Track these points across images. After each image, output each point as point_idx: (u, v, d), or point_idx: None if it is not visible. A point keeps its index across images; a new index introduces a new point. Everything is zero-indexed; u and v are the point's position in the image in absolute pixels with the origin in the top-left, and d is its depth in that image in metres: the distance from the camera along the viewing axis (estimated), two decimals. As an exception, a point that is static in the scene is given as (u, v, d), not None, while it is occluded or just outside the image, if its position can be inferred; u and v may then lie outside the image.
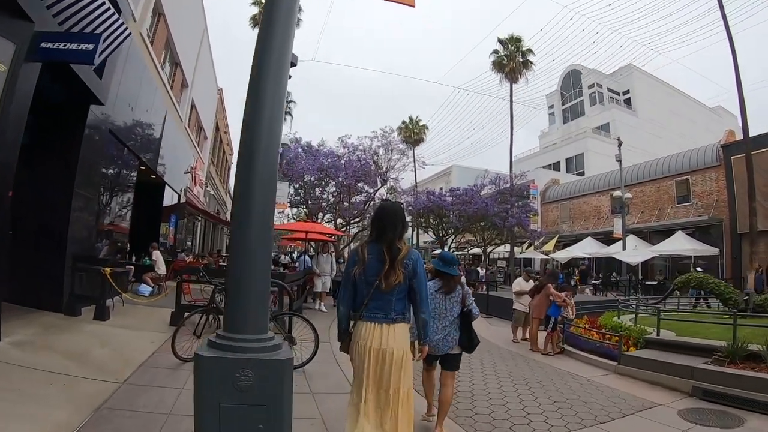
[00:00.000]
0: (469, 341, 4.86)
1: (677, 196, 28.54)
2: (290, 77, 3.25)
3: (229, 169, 40.40)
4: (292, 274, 14.06)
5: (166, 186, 18.64)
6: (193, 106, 23.59)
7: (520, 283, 11.23)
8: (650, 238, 28.38)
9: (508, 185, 29.52)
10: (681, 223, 26.88)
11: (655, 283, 24.64)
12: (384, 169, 22.35)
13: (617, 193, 26.32)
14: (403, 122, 45.99)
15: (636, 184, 29.90)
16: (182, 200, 21.37)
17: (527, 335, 11.14)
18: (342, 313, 3.49)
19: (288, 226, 15.85)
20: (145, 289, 12.64)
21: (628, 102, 51.79)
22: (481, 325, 12.65)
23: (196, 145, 25.76)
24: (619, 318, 11.89)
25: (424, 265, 3.66)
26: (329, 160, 21.82)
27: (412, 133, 46.36)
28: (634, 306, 12.11)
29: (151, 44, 15.50)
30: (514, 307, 11.16)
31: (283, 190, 17.89)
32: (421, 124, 48.68)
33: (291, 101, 43.14)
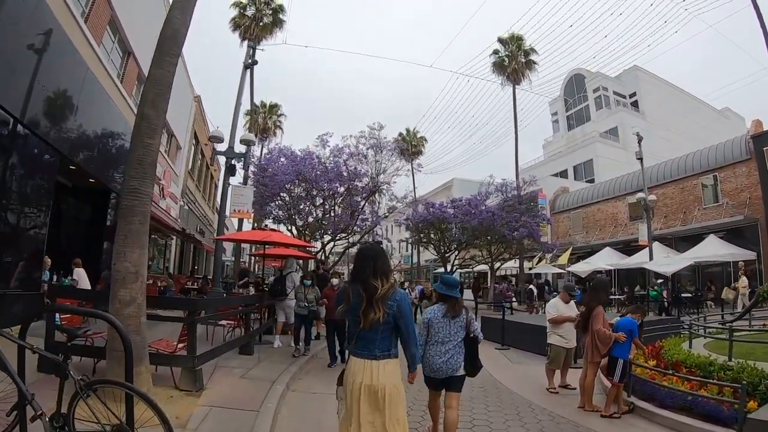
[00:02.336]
0: (473, 367, 4.80)
1: (704, 196, 25.08)
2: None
3: (216, 186, 37.03)
4: (231, 297, 10.80)
5: (115, 196, 15.42)
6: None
7: (557, 306, 7.60)
8: (676, 245, 24.95)
9: (515, 193, 25.84)
10: (710, 226, 23.50)
11: (690, 295, 21.03)
12: (374, 173, 18.83)
13: (640, 195, 22.79)
14: (400, 134, 42.79)
15: (656, 186, 26.39)
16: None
17: (567, 381, 7.57)
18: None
19: (237, 236, 12.40)
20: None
21: (635, 105, 48.59)
22: (498, 364, 9.46)
23: (165, 153, 22.46)
24: (690, 346, 8.55)
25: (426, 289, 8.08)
26: (308, 162, 18.41)
27: (410, 145, 43.33)
28: (691, 327, 9.37)
29: (85, 21, 12.71)
30: (549, 341, 7.57)
31: (247, 196, 14.51)
32: (419, 135, 45.69)
33: (281, 114, 40.23)
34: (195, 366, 6.20)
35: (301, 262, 15.40)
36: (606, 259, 25.15)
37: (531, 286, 23.34)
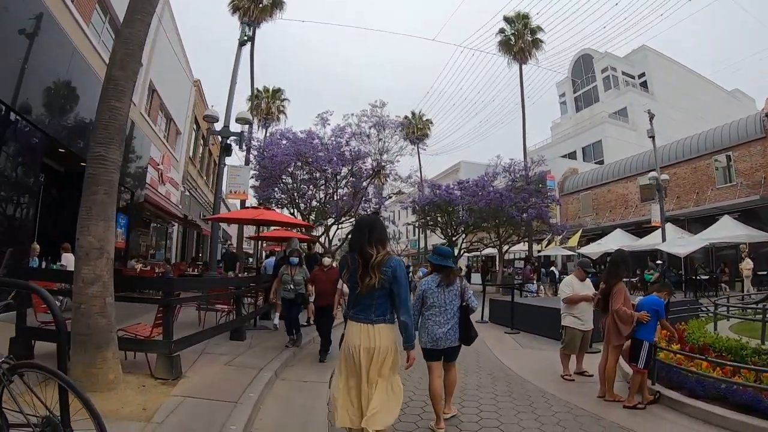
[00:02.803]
0: (467, 335, 4.82)
1: (717, 176, 24.20)
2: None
3: (215, 166, 36.33)
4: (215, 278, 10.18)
5: None
6: (153, 91, 19.75)
7: (572, 285, 6.85)
8: (688, 226, 24.10)
9: (523, 173, 24.91)
10: (724, 207, 22.65)
11: (707, 277, 20.23)
12: (377, 153, 18.04)
13: (652, 174, 21.90)
14: (406, 117, 41.82)
15: (668, 166, 25.44)
16: (137, 198, 17.42)
17: (584, 367, 6.88)
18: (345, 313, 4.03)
19: (229, 215, 11.70)
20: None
21: (644, 85, 47.28)
22: (507, 348, 8.92)
23: (163, 138, 21.86)
24: (716, 328, 7.87)
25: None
26: (308, 143, 17.69)
27: (416, 129, 42.52)
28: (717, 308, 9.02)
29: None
30: (564, 323, 6.85)
31: (243, 177, 13.86)
32: (425, 118, 44.84)
33: (285, 99, 39.46)
34: (171, 352, 5.60)
35: (304, 245, 14.80)
36: (617, 241, 24.29)
37: (552, 268, 22.42)
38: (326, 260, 8.13)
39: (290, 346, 8.07)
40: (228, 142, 13.62)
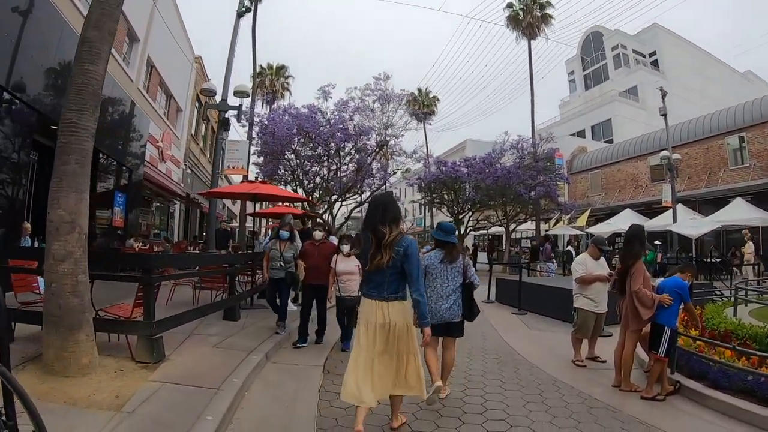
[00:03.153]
0: (470, 311, 4.80)
1: (730, 157, 23.50)
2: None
3: (223, 151, 35.76)
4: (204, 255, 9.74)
5: (104, 156, 14.53)
6: (151, 67, 19.20)
7: (586, 263, 6.33)
8: (699, 208, 23.53)
9: (531, 150, 24.21)
10: (737, 189, 22.02)
11: (719, 260, 19.67)
12: (382, 127, 17.44)
13: (664, 153, 21.21)
14: (412, 94, 41.08)
15: (680, 146, 24.72)
16: (136, 176, 16.98)
17: (596, 352, 6.43)
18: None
19: (222, 190, 11.18)
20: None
21: (655, 64, 46.01)
22: (515, 330, 8.46)
23: (163, 115, 21.36)
24: (735, 314, 7.41)
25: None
26: (311, 118, 17.12)
27: (422, 105, 41.83)
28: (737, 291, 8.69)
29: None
30: (576, 304, 6.37)
31: (242, 151, 13.40)
32: (431, 95, 44.03)
33: (289, 76, 38.79)
34: (152, 334, 5.21)
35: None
36: (627, 221, 23.68)
37: (569, 248, 21.77)
38: (317, 233, 7.36)
39: (280, 332, 7.17)
40: (226, 116, 13.20)
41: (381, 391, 3.59)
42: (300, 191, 20.33)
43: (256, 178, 16.96)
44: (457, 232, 23.51)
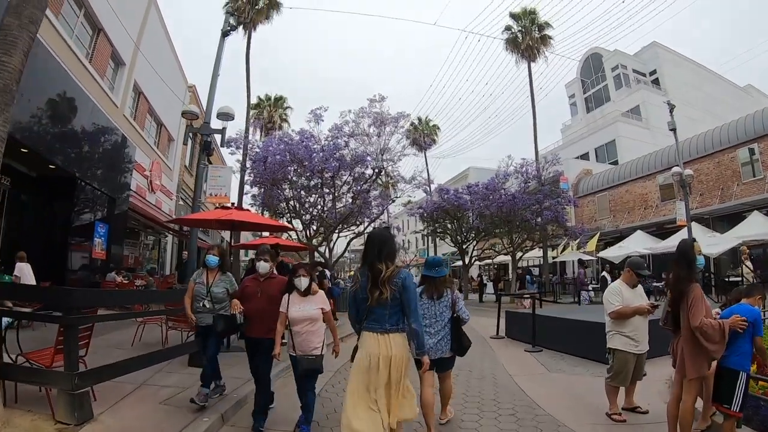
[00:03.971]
0: (459, 346, 4.70)
1: (743, 170, 22.36)
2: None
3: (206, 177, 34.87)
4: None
5: (84, 183, 13.59)
6: (139, 93, 18.40)
7: (622, 293, 5.03)
8: (713, 225, 22.23)
9: (536, 174, 23.09)
10: (752, 203, 20.75)
11: (739, 278, 18.33)
12: (378, 150, 16.37)
13: (676, 169, 20.05)
14: (412, 124, 40.36)
15: (690, 162, 23.61)
16: (120, 206, 15.92)
17: (635, 400, 5.17)
18: (355, 328, 3.83)
19: (193, 216, 9.92)
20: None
21: (656, 83, 45.26)
22: (530, 372, 7.28)
23: (153, 144, 20.47)
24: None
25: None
26: (303, 143, 16.15)
27: (423, 135, 41.07)
28: None
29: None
30: (611, 344, 5.13)
31: (225, 177, 12.34)
32: (431, 124, 43.30)
33: (288, 107, 38.19)
34: (75, 388, 4.09)
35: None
36: (640, 243, 22.47)
37: (604, 273, 20.39)
38: (262, 265, 4.94)
39: (199, 403, 4.80)
40: (208, 139, 12.19)
41: (386, 421, 3.52)
42: (298, 224, 19.31)
43: (233, 204, 15.91)
44: (459, 263, 21.93)
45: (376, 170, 16.63)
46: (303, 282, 4.43)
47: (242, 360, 6.96)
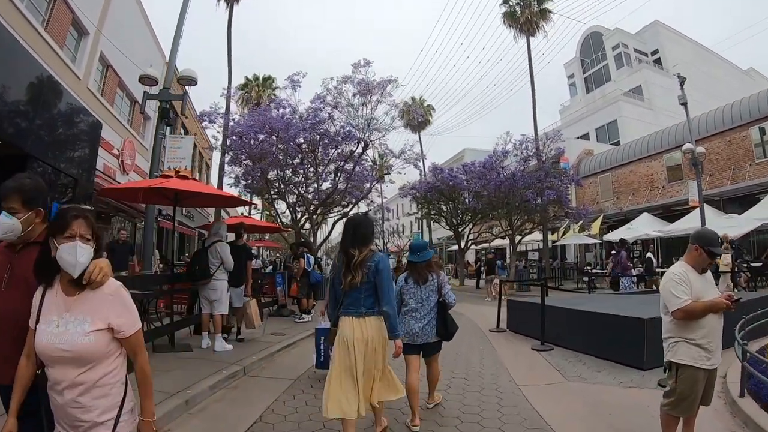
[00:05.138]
0: (445, 330, 4.56)
1: (755, 149, 20.90)
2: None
3: (208, 167, 33.33)
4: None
5: (37, 161, 11.92)
6: (107, 66, 16.70)
7: (689, 280, 3.31)
8: (724, 207, 20.77)
9: (537, 151, 21.44)
10: (766, 184, 19.29)
11: (759, 264, 16.90)
12: (364, 120, 14.66)
13: (687, 146, 18.47)
14: (405, 103, 38.63)
15: (699, 141, 21.96)
16: (84, 187, 14.25)
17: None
18: (330, 313, 3.87)
19: (125, 185, 8.23)
20: None
21: (657, 63, 43.49)
22: (540, 378, 5.93)
23: (126, 123, 18.79)
24: None
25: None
26: (280, 113, 14.58)
27: (417, 115, 39.36)
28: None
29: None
30: (672, 356, 3.37)
31: (186, 148, 10.78)
32: (426, 104, 41.56)
33: (276, 87, 36.43)
34: None
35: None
36: (649, 226, 20.90)
37: (649, 254, 18.59)
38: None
39: None
40: (166, 106, 10.61)
41: (365, 402, 3.55)
42: (284, 206, 17.78)
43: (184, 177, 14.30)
44: (455, 247, 20.33)
45: (362, 144, 14.97)
46: (71, 252, 1.89)
47: (193, 361, 5.47)
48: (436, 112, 49.64)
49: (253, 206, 15.10)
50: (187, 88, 11.35)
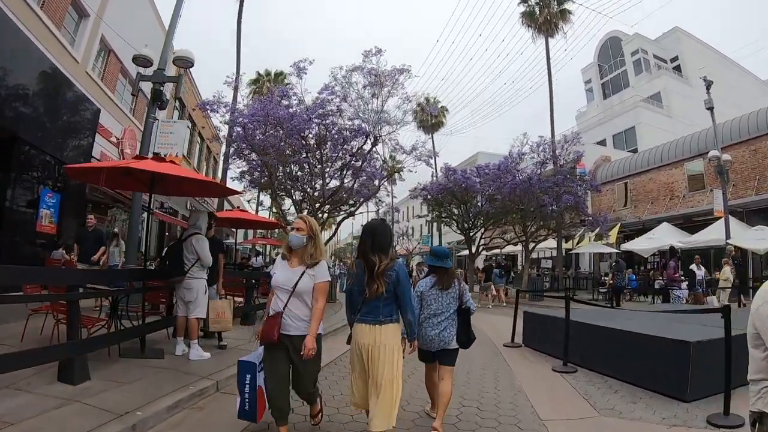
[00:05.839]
0: (466, 338, 4.44)
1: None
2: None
3: (216, 160, 32.59)
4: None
5: (26, 146, 11.30)
6: (109, 51, 16.01)
7: None
8: (747, 219, 19.57)
9: (557, 152, 20.32)
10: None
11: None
12: (373, 112, 13.69)
13: (713, 153, 17.44)
14: (419, 104, 37.66)
15: (723, 149, 20.80)
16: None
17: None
18: (349, 318, 3.73)
19: (88, 165, 7.22)
20: None
21: (677, 70, 42.19)
22: (571, 412, 5.07)
23: (129, 112, 18.08)
24: None
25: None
26: (279, 100, 13.77)
27: (430, 117, 38.47)
28: None
29: None
30: (760, 405, 2.32)
31: (178, 134, 9.96)
32: (440, 106, 40.49)
33: (289, 83, 35.58)
34: None
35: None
36: (670, 236, 19.76)
37: (693, 266, 17.00)
38: None
39: None
40: (160, 88, 9.79)
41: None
42: (288, 203, 16.93)
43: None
44: (465, 252, 19.29)
45: (372, 139, 14.01)
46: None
47: (156, 372, 4.58)
48: (450, 113, 48.30)
49: (240, 194, 14.33)
50: (198, 88, 10.53)
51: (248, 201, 28.59)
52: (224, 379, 5.19)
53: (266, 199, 30.65)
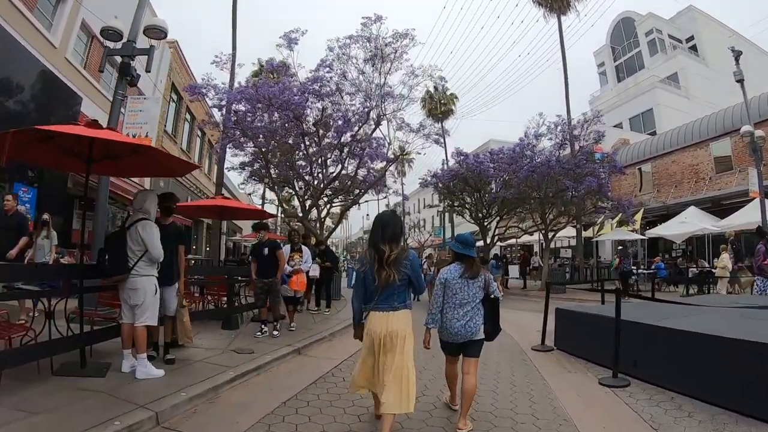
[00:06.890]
0: (494, 328, 4.26)
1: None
2: None
3: (211, 147, 31.36)
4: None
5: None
6: (92, 37, 14.86)
7: None
8: (773, 203, 17.91)
9: (576, 132, 18.84)
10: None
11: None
12: (376, 88, 12.34)
13: (746, 128, 15.91)
14: (428, 92, 36.30)
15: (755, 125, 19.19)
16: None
17: None
18: (356, 307, 3.76)
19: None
20: None
21: (693, 49, 40.29)
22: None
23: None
24: None
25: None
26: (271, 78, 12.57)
27: (439, 105, 37.13)
28: None
29: None
30: None
31: (149, 112, 8.74)
32: (449, 93, 39.01)
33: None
34: None
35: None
36: (698, 220, 18.14)
37: (761, 244, 15.41)
38: None
39: None
40: (130, 61, 8.59)
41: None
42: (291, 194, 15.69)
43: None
44: (480, 243, 17.94)
45: (375, 117, 12.65)
46: None
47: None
48: (458, 99, 46.30)
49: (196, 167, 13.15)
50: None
51: (249, 194, 27.33)
52: (171, 407, 3.89)
53: (270, 194, 29.49)
